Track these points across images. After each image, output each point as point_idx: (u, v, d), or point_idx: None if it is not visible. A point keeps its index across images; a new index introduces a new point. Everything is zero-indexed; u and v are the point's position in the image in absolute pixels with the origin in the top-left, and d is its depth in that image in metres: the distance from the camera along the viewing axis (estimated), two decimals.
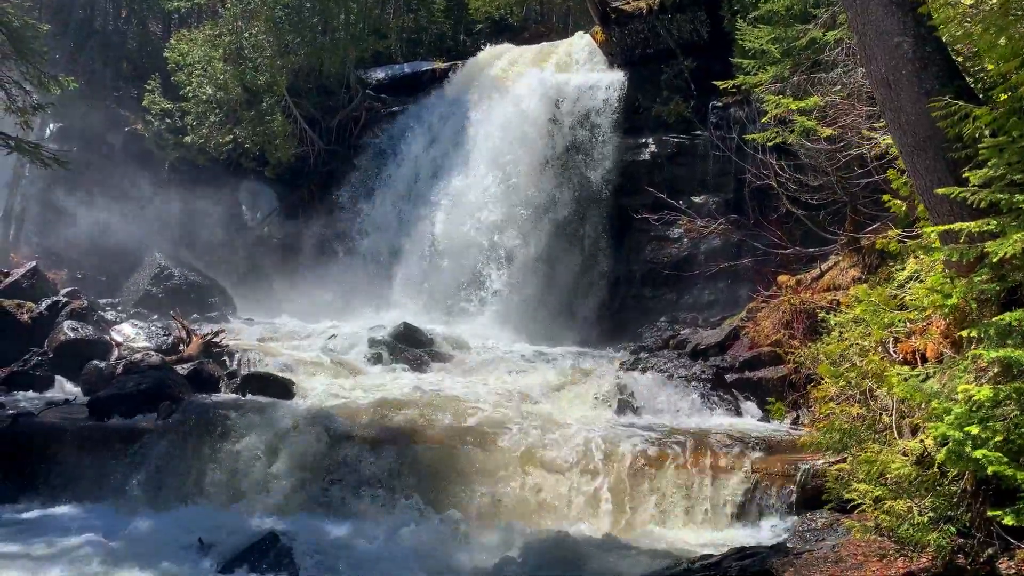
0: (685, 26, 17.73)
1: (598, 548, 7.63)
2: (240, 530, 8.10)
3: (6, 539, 7.84)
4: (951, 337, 5.85)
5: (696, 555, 7.22)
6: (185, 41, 21.14)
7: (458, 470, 8.86)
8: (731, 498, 8.35)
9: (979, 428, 4.53)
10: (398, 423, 9.67)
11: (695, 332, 14.33)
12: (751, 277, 14.07)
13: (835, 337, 7.65)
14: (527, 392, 11.47)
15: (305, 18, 20.82)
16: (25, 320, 13.52)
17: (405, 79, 22.75)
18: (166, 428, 9.58)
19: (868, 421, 6.21)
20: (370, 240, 19.80)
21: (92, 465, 9.18)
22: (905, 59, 5.32)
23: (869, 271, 10.89)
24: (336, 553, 7.78)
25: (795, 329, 11.37)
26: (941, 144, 5.22)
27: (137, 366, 11.58)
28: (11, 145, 12.21)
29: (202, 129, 20.41)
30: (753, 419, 10.81)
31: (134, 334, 13.75)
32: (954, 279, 5.33)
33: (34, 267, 15.44)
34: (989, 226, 4.76)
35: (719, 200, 16.58)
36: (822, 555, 6.39)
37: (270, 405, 10.23)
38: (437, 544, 7.96)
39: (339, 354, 13.75)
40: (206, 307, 17.38)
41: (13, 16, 13.08)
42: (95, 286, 18.56)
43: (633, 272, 17.29)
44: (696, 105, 17.32)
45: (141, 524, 8.31)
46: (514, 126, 18.28)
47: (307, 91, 21.21)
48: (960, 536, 5.23)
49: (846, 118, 9.96)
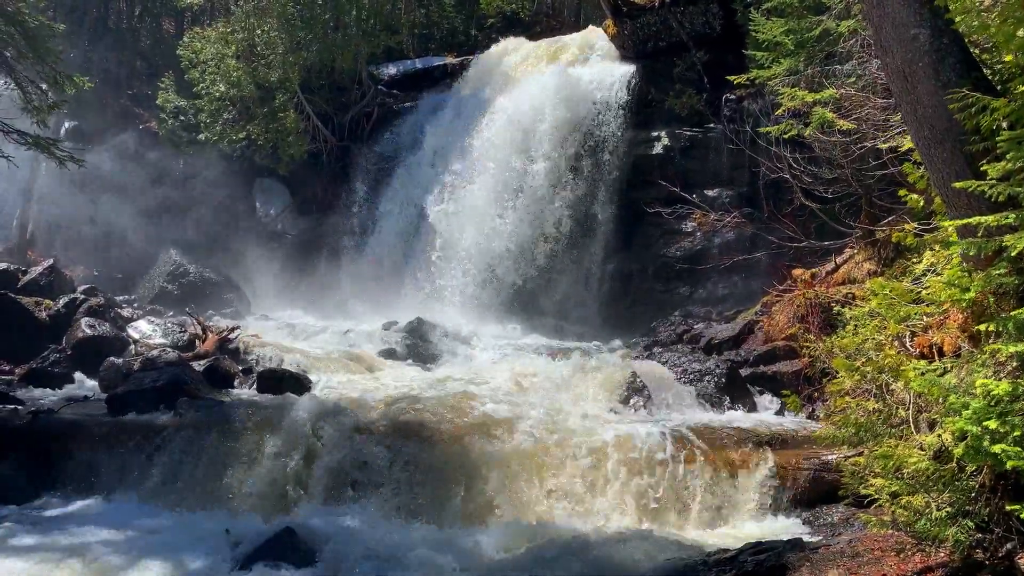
0: (697, 18, 17.62)
1: (612, 543, 7.63)
2: (256, 525, 8.17)
3: (27, 533, 7.94)
4: (969, 331, 5.80)
5: (711, 549, 7.21)
6: (198, 39, 21.23)
7: (471, 465, 8.88)
8: (746, 492, 8.33)
9: (997, 423, 4.50)
10: (412, 418, 9.71)
11: (709, 326, 14.29)
12: (765, 271, 14.01)
13: (850, 331, 7.60)
14: (540, 387, 11.48)
15: (317, 14, 20.85)
16: (43, 318, 13.66)
17: (417, 74, 22.78)
18: (183, 424, 9.65)
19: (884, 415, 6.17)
20: (383, 235, 19.84)
21: (110, 461, 9.26)
22: (922, 51, 5.27)
23: (885, 264, 10.82)
24: (352, 547, 7.81)
25: (810, 323, 11.31)
26: (958, 137, 5.17)
27: (154, 363, 11.69)
28: (28, 142, 12.32)
29: (215, 126, 20.50)
30: (768, 413, 10.78)
31: (150, 331, 13.86)
32: (972, 273, 5.28)
33: (51, 265, 15.59)
34: (1008, 220, 4.71)
35: (733, 193, 16.50)
36: (838, 550, 6.37)
37: (285, 401, 10.30)
38: (451, 539, 7.99)
39: (353, 349, 13.82)
40: (221, 304, 17.51)
41: (28, 16, 13.19)
42: (111, 283, 18.72)
43: (646, 266, 17.23)
44: (709, 98, 17.23)
45: (159, 519, 8.40)
46: (526, 120, 18.25)
47: (319, 87, 21.25)
48: (978, 531, 5.20)
49: (861, 110, 9.89)
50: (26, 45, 12.70)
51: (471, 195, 18.46)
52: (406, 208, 19.77)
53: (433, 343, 14.21)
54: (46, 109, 12.95)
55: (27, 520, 8.31)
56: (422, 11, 25.77)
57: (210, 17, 24.76)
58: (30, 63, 12.93)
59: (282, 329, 15.49)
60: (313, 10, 20.79)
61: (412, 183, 19.89)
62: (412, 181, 19.92)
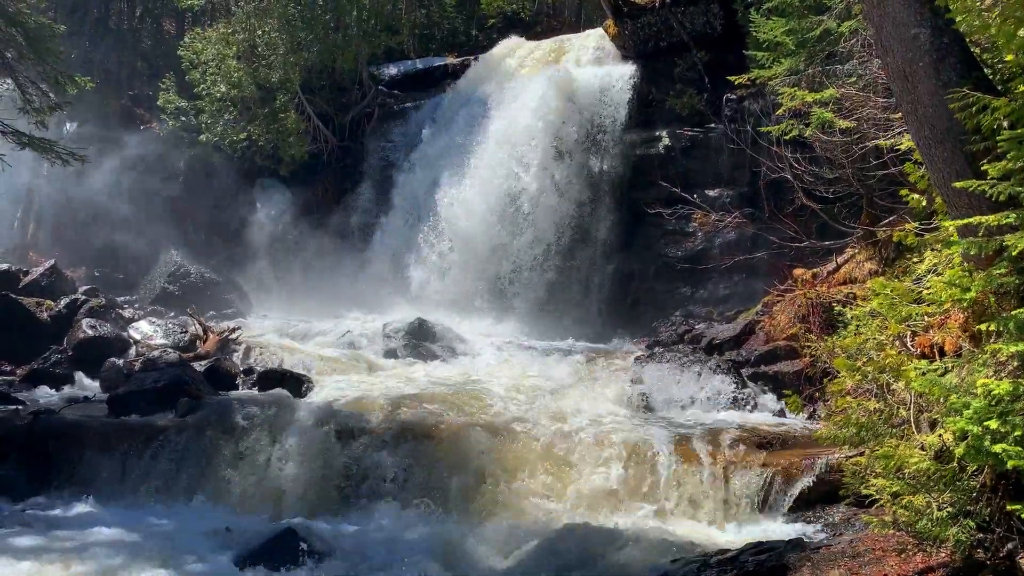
0: (698, 18, 17.61)
1: (613, 543, 7.62)
2: (257, 526, 8.18)
3: (29, 534, 7.94)
4: (970, 331, 5.80)
5: (713, 549, 7.20)
6: (199, 39, 21.22)
7: (472, 465, 8.88)
8: (748, 492, 8.32)
9: (998, 422, 4.49)
10: (413, 419, 9.71)
11: (710, 326, 14.28)
12: (766, 271, 13.99)
13: (852, 331, 7.60)
14: (541, 387, 11.49)
15: (318, 15, 20.85)
16: (45, 318, 13.67)
17: (418, 75, 22.75)
18: (184, 425, 9.66)
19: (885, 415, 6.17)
20: (384, 236, 19.83)
21: (112, 461, 9.28)
22: (922, 51, 5.27)
23: (886, 264, 10.81)
24: (352, 548, 7.83)
25: (811, 323, 11.30)
26: (959, 136, 5.17)
27: (155, 363, 11.70)
28: (24, 142, 12.33)
29: (216, 127, 20.49)
30: (769, 413, 10.77)
31: (151, 331, 13.87)
32: (973, 273, 5.27)
33: (53, 265, 15.60)
34: (1008, 219, 4.71)
35: (734, 193, 16.48)
36: (839, 550, 6.36)
37: (286, 401, 10.31)
38: (453, 539, 7.99)
39: (354, 350, 13.82)
40: (222, 304, 17.50)
41: (29, 16, 13.20)
42: (113, 284, 18.71)
43: (647, 266, 17.22)
44: (710, 98, 17.21)
45: (159, 519, 8.41)
46: (528, 121, 18.23)
47: (320, 88, 21.24)
48: (980, 531, 5.19)
49: (862, 110, 9.88)
50: (27, 46, 12.71)
51: (472, 195, 18.45)
52: (407, 208, 19.76)
53: (434, 343, 14.20)
54: (46, 110, 12.95)
55: (27, 520, 8.31)
56: (423, 11, 25.76)
57: (211, 18, 24.75)
58: (31, 64, 12.95)
59: (283, 329, 15.46)
60: (314, 11, 20.79)
61: (413, 183, 19.89)
62: (413, 181, 19.92)
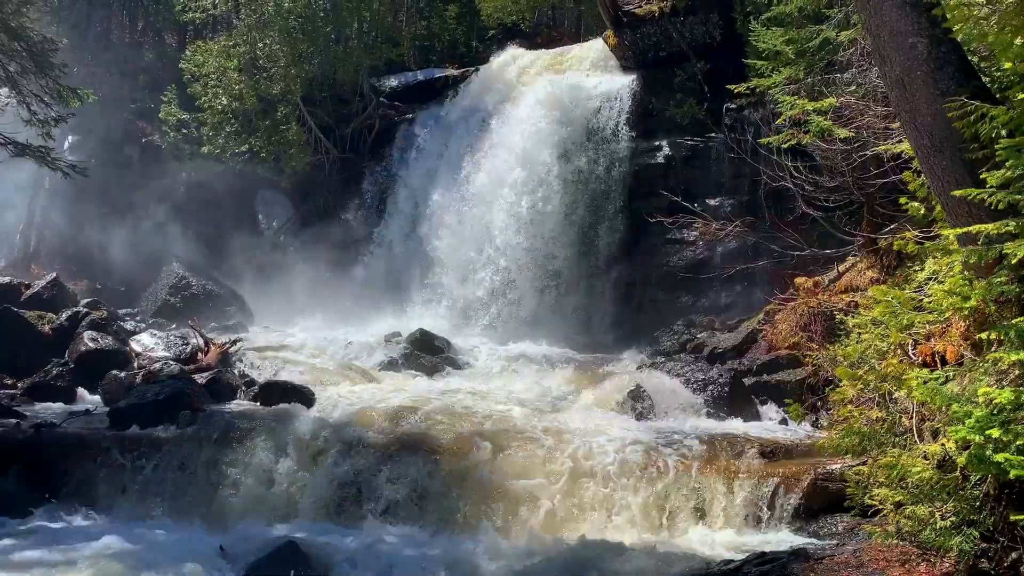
0: (698, 28, 17.66)
1: (618, 554, 7.59)
2: (259, 538, 8.15)
3: (29, 547, 7.92)
4: (971, 339, 5.78)
5: (717, 560, 7.17)
6: (200, 52, 21.31)
7: (476, 478, 8.86)
8: (751, 502, 8.29)
9: (1000, 431, 4.48)
10: (415, 431, 9.70)
11: (712, 335, 14.26)
12: (768, 279, 13.98)
13: (853, 339, 7.59)
14: (543, 397, 11.47)
15: (319, 27, 20.94)
16: (46, 331, 13.66)
17: (419, 86, 22.80)
18: (185, 437, 9.65)
19: (887, 424, 6.16)
20: (385, 248, 19.86)
21: (113, 474, 9.27)
22: (920, 60, 5.28)
23: (887, 272, 10.79)
24: (354, 562, 7.79)
25: (813, 331, 11.29)
26: (958, 145, 5.17)
27: (156, 376, 11.69)
28: (26, 152, 12.36)
29: (218, 139, 20.56)
30: (772, 422, 10.74)
31: (153, 344, 13.85)
32: (973, 281, 5.27)
33: (54, 278, 15.61)
34: (1008, 227, 4.71)
35: (734, 202, 16.48)
36: (843, 560, 6.33)
37: (288, 414, 10.29)
38: (457, 552, 7.96)
39: (356, 362, 13.81)
40: (223, 316, 17.49)
41: (32, 30, 13.26)
42: (114, 296, 18.71)
43: (648, 275, 17.21)
44: (710, 107, 17.23)
45: (161, 533, 8.38)
46: (528, 131, 18.28)
47: (321, 100, 21.31)
48: (983, 540, 5.17)
49: (861, 118, 9.90)
50: (29, 59, 12.77)
51: (473, 206, 18.48)
52: (408, 219, 19.79)
53: (435, 355, 14.19)
54: (50, 123, 13.00)
55: (28, 534, 8.30)
56: (423, 23, 25.86)
57: (212, 31, 24.88)
58: (33, 77, 12.99)
59: (284, 341, 15.47)
60: (315, 23, 20.88)
61: (414, 194, 19.93)
62: (414, 192, 19.96)
